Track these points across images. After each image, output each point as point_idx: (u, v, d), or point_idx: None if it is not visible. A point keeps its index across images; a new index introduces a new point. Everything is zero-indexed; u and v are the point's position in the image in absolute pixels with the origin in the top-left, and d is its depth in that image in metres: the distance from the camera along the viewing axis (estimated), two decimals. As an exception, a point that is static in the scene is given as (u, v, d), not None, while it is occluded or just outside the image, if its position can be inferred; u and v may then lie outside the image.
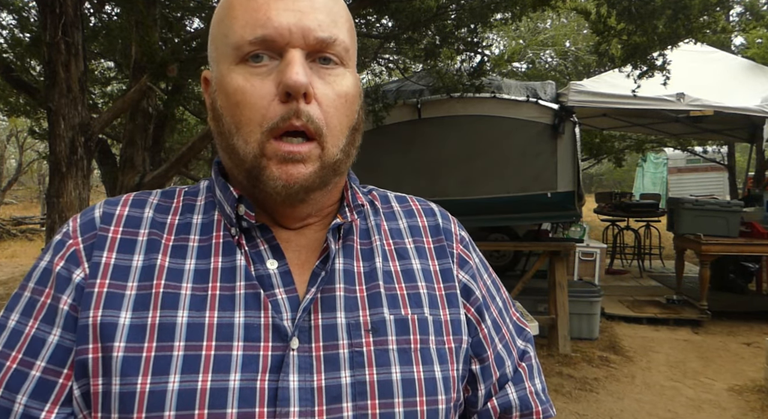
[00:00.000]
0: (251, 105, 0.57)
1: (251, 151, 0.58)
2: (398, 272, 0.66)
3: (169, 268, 0.60)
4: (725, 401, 3.81)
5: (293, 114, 0.56)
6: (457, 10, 4.23)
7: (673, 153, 12.75)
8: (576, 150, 4.61)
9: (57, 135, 2.70)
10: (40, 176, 18.72)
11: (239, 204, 0.62)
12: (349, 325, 0.60)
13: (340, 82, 0.60)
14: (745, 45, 9.76)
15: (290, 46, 0.57)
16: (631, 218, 8.09)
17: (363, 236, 0.68)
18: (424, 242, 0.71)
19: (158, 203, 0.66)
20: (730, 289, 6.36)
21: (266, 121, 0.57)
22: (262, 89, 0.57)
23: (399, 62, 6.05)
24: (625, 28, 3.90)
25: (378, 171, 4.84)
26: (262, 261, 0.61)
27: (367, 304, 0.62)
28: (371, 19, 4.53)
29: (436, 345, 0.63)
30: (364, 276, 0.64)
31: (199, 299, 0.58)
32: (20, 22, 4.45)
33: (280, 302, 0.59)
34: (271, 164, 0.57)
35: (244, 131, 0.58)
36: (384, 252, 0.67)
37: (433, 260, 0.69)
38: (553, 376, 4.15)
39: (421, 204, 0.76)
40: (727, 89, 5.29)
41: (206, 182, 0.70)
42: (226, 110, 0.59)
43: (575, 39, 11.92)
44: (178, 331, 0.56)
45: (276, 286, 0.60)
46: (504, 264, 6.17)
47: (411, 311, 0.64)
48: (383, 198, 0.75)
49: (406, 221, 0.72)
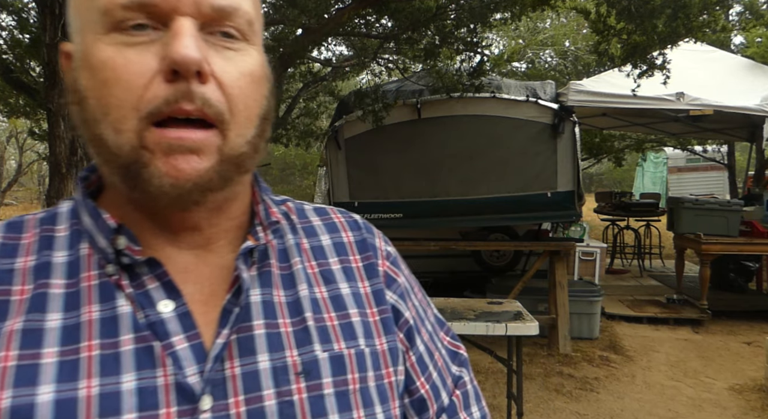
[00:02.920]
0: (124, 83, 0.44)
1: (126, 142, 0.45)
2: (326, 300, 0.56)
3: (24, 331, 0.45)
4: (726, 400, 3.81)
5: (182, 96, 0.44)
6: (456, 10, 4.23)
7: (673, 152, 12.75)
8: (576, 150, 4.61)
9: (57, 136, 2.70)
10: (40, 177, 18.72)
11: (117, 236, 0.48)
12: (275, 369, 0.49)
13: (244, 59, 0.48)
14: (744, 44, 9.77)
15: (177, 14, 0.45)
16: (631, 217, 8.09)
17: (282, 258, 0.56)
18: (351, 261, 0.60)
19: (2, 243, 0.50)
20: (731, 288, 6.36)
21: (144, 104, 0.44)
22: (140, 64, 0.44)
23: (399, 62, 6.06)
24: (625, 28, 3.90)
25: (378, 171, 4.84)
26: (152, 304, 0.48)
27: (294, 342, 0.51)
28: (371, 19, 4.53)
29: (376, 382, 0.54)
30: (288, 308, 0.53)
31: (70, 366, 0.44)
32: (20, 24, 4.45)
33: (181, 353, 0.47)
34: (155, 158, 0.45)
35: (113, 117, 0.44)
36: (308, 277, 0.56)
37: (362, 281, 0.59)
38: (554, 376, 4.15)
39: (344, 216, 0.65)
40: (726, 88, 5.29)
41: (69, 203, 0.54)
42: (91, 91, 0.46)
43: (575, 39, 11.92)
44: (39, 413, 0.42)
45: (173, 334, 0.47)
46: (504, 264, 6.17)
47: (345, 344, 0.54)
48: (299, 211, 0.63)
49: (328, 236, 0.61)
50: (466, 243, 5.22)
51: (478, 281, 5.73)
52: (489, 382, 4.02)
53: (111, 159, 0.46)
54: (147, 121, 0.44)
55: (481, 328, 2.88)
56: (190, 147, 0.45)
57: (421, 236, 5.13)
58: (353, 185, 4.88)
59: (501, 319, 2.96)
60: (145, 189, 0.46)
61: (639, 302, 6.13)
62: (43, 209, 0.55)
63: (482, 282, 5.53)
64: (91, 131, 0.46)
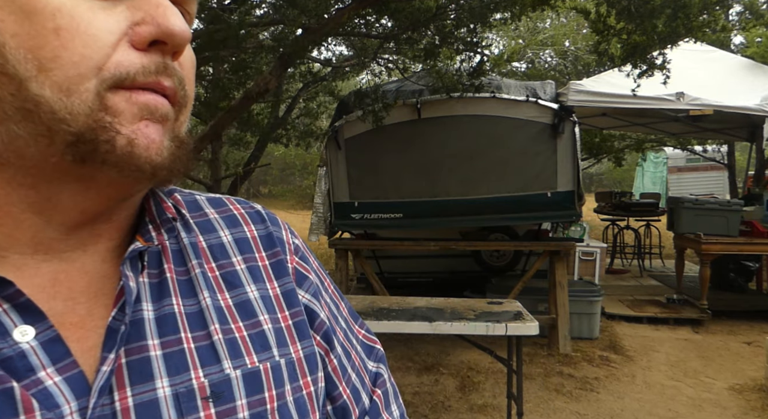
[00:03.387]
0: (88, 37, 0.36)
1: (80, 104, 0.36)
2: (231, 308, 0.48)
3: None
4: (726, 400, 3.81)
5: (163, 70, 0.39)
6: (456, 10, 4.23)
7: (673, 152, 12.75)
8: (576, 150, 4.61)
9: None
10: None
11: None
12: (176, 396, 0.41)
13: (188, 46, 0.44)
14: (744, 44, 9.77)
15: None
16: (631, 217, 8.10)
17: (177, 262, 0.48)
18: (257, 258, 0.52)
19: None
20: (731, 288, 6.36)
21: (113, 65, 0.37)
22: (107, 21, 0.37)
23: (398, 62, 6.05)
24: (625, 28, 3.90)
25: (378, 171, 4.84)
26: (3, 333, 0.37)
27: (199, 360, 0.43)
28: (371, 19, 4.52)
29: (293, 395, 0.47)
30: (188, 319, 0.45)
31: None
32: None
33: (53, 389, 0.37)
34: (121, 124, 0.37)
35: (63, 74, 0.36)
36: (208, 281, 0.48)
37: (271, 281, 0.52)
38: (554, 376, 4.15)
39: (244, 207, 0.56)
40: (726, 88, 5.29)
41: None
42: (19, 39, 0.35)
43: (575, 38, 11.92)
44: None
45: (39, 368, 0.37)
46: (504, 264, 6.17)
47: (257, 358, 0.46)
48: (191, 203, 0.53)
49: (229, 232, 0.53)
50: (466, 243, 5.22)
51: (478, 281, 5.73)
52: (489, 382, 4.02)
53: (53, 126, 0.36)
54: (108, 85, 0.37)
55: (481, 328, 2.88)
56: (161, 114, 0.39)
57: (421, 236, 5.13)
58: (353, 185, 4.88)
59: (501, 319, 2.96)
60: (105, 163, 0.37)
61: (639, 302, 6.13)
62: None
63: (482, 282, 5.53)
64: (14, 88, 0.36)
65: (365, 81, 7.84)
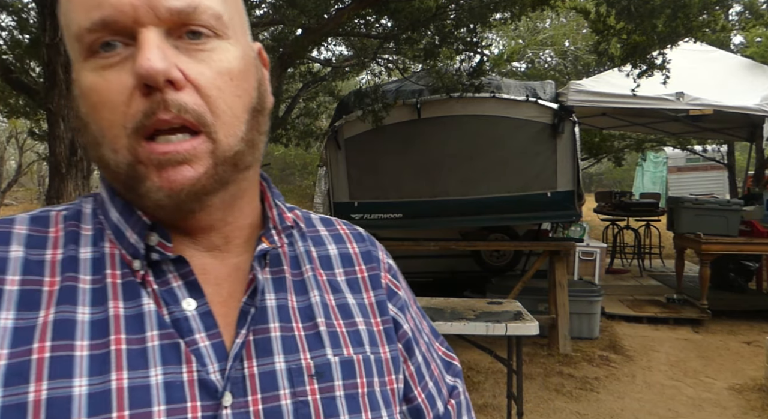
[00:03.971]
0: (109, 104, 0.46)
1: (122, 160, 0.46)
2: (334, 307, 0.58)
3: (56, 322, 0.46)
4: (726, 400, 3.81)
5: (159, 107, 0.45)
6: (456, 10, 4.23)
7: (673, 152, 12.75)
8: (576, 149, 4.62)
9: (56, 136, 2.70)
10: (40, 177, 18.71)
11: (150, 233, 0.50)
12: (290, 370, 0.51)
13: (218, 57, 0.48)
14: (744, 44, 9.77)
15: (139, 26, 0.45)
16: (631, 217, 8.10)
17: (293, 265, 0.58)
18: (357, 271, 0.63)
19: (29, 235, 0.50)
20: (730, 288, 6.36)
21: (129, 120, 0.45)
22: (119, 83, 0.45)
23: (398, 62, 6.05)
24: (625, 28, 3.90)
25: (378, 171, 4.84)
26: (176, 302, 0.49)
27: (307, 345, 0.53)
28: (370, 20, 4.52)
29: (380, 387, 0.56)
30: (299, 312, 0.55)
31: (100, 358, 0.45)
32: (20, 24, 4.45)
33: (204, 351, 0.48)
34: (150, 172, 0.46)
35: (109, 138, 0.46)
36: (317, 283, 0.58)
37: (367, 291, 0.62)
38: (554, 376, 4.15)
39: (349, 228, 0.67)
40: (726, 88, 5.30)
41: (89, 202, 0.55)
42: (88, 117, 0.48)
43: (574, 38, 11.92)
44: (75, 406, 0.43)
45: (196, 331, 0.49)
46: (504, 264, 6.17)
47: (353, 350, 0.56)
48: (307, 220, 0.64)
49: (335, 246, 0.63)
50: (466, 243, 5.22)
51: (478, 281, 5.73)
52: (489, 382, 4.02)
53: (114, 177, 0.49)
54: (136, 136, 0.46)
55: (481, 328, 2.88)
56: (179, 159, 0.46)
57: (421, 236, 5.13)
58: (353, 185, 4.88)
59: (501, 319, 2.96)
60: (145, 204, 0.48)
61: (639, 302, 6.14)
62: (65, 206, 0.56)
63: (482, 282, 5.53)
64: (96, 153, 0.49)
65: (365, 81, 7.84)
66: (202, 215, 0.51)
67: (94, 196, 0.56)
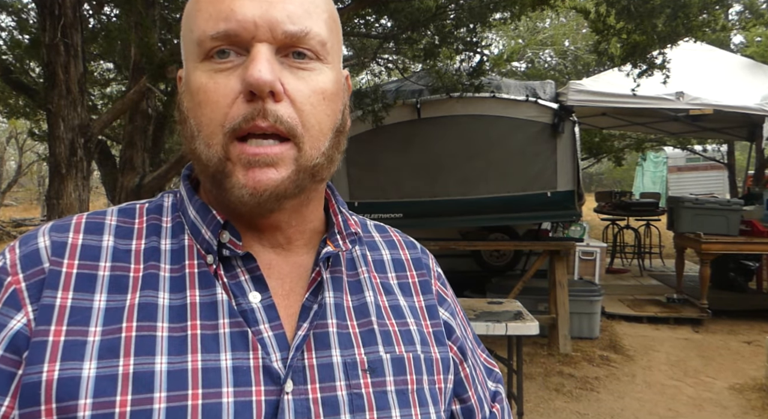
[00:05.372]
0: (213, 104, 0.51)
1: (214, 154, 0.52)
2: (387, 308, 0.62)
3: (141, 305, 0.52)
4: (726, 399, 3.81)
5: (258, 114, 0.50)
6: (456, 10, 4.23)
7: (673, 152, 12.75)
8: (576, 149, 4.61)
9: (56, 137, 2.70)
10: (39, 177, 18.70)
11: (222, 230, 0.55)
12: (345, 364, 0.55)
13: (316, 78, 0.54)
14: (744, 43, 9.77)
15: (256, 41, 0.51)
16: (631, 217, 8.10)
17: (349, 267, 0.63)
18: (408, 276, 0.67)
19: (118, 226, 0.57)
20: (731, 287, 6.37)
21: (228, 121, 0.51)
22: (226, 87, 0.51)
23: (398, 62, 6.06)
24: (625, 27, 3.90)
25: (378, 171, 4.84)
26: (243, 294, 0.55)
27: (361, 341, 0.58)
28: (370, 20, 4.53)
29: (429, 385, 0.60)
30: (354, 311, 0.59)
31: (179, 340, 0.51)
32: (19, 24, 4.45)
33: (267, 340, 0.53)
34: (237, 170, 0.51)
35: (205, 133, 0.52)
36: (372, 285, 0.63)
37: (417, 295, 0.66)
38: (554, 375, 4.15)
39: (401, 236, 0.72)
40: (726, 88, 5.29)
41: (170, 197, 0.62)
42: (190, 112, 0.54)
43: (574, 38, 11.92)
44: (157, 380, 0.48)
45: (261, 322, 0.54)
46: (504, 264, 6.17)
47: (405, 348, 0.60)
48: (363, 225, 0.70)
49: (389, 252, 0.68)
50: (466, 243, 5.22)
51: (478, 281, 5.73)
52: (489, 382, 4.01)
53: (203, 169, 0.54)
54: (231, 136, 0.51)
55: (481, 328, 2.88)
56: (267, 161, 0.51)
57: (421, 236, 5.11)
58: (353, 185, 4.87)
59: (501, 319, 2.96)
60: (227, 197, 0.53)
61: (639, 302, 6.13)
62: (148, 200, 0.62)
63: (482, 282, 5.53)
64: (190, 145, 0.54)
65: (365, 81, 7.84)
66: (275, 215, 0.56)
67: (175, 193, 0.62)
